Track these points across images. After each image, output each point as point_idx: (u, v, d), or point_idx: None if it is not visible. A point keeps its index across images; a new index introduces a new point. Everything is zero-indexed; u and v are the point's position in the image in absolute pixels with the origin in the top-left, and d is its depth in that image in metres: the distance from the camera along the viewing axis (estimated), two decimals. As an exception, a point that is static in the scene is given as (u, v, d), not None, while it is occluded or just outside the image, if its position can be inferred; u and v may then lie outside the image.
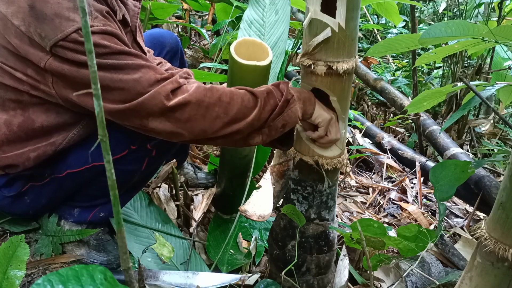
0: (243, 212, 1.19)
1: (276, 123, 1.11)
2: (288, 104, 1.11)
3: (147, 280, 1.27)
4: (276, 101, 1.10)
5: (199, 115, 1.04)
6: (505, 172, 0.90)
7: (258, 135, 1.12)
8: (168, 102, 1.02)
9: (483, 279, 0.94)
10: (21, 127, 1.16)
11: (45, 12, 0.99)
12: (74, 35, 0.99)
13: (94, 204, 1.32)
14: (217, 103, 1.05)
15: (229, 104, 1.06)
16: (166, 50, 1.67)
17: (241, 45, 1.30)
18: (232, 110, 1.06)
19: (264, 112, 1.09)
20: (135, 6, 1.31)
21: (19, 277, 0.99)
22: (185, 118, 1.04)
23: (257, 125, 1.10)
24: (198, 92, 1.05)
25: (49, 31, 0.99)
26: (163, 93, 1.01)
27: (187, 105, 1.03)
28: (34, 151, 1.18)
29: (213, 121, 1.06)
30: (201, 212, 1.66)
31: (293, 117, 1.12)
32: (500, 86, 1.37)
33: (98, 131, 0.58)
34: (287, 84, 1.14)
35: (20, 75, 1.09)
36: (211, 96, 1.05)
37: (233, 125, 1.07)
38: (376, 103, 3.83)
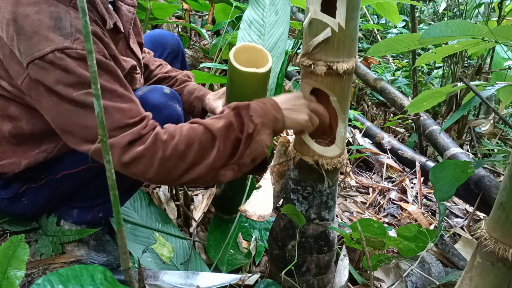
0: (243, 212, 1.19)
1: (244, 159, 1.08)
2: (252, 137, 1.07)
3: (147, 280, 1.27)
4: (236, 134, 1.06)
5: (155, 168, 1.02)
6: (505, 172, 0.90)
7: (228, 171, 1.09)
8: (123, 156, 1.00)
9: (483, 279, 0.94)
10: (12, 134, 1.16)
11: (25, 28, 0.98)
12: (50, 56, 0.97)
13: (92, 205, 1.32)
14: (172, 154, 1.02)
15: (185, 151, 1.03)
16: (167, 51, 1.67)
17: (241, 51, 1.30)
18: (189, 156, 1.03)
19: (225, 149, 1.05)
20: (129, 12, 1.30)
21: (19, 277, 0.99)
22: (140, 171, 1.03)
23: (220, 163, 1.06)
24: (154, 144, 1.02)
25: (26, 47, 0.98)
26: (119, 145, 1.00)
27: (140, 159, 1.01)
28: (26, 159, 1.18)
29: (170, 171, 1.04)
30: (201, 212, 1.66)
31: (261, 149, 1.08)
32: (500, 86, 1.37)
33: (98, 131, 0.59)
34: (247, 110, 1.08)
35: (6, 84, 1.09)
36: (165, 149, 1.02)
37: (193, 171, 1.05)
38: (376, 103, 3.83)
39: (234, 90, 1.34)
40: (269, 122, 1.09)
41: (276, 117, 1.10)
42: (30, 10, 0.99)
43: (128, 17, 1.29)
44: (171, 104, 1.22)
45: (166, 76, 1.54)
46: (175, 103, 1.24)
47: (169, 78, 1.54)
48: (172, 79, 1.54)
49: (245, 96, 1.32)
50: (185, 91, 1.52)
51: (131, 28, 1.30)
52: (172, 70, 1.57)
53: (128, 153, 1.01)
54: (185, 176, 1.05)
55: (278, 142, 1.36)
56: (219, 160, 1.06)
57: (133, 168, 1.02)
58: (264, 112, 1.09)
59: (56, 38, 0.98)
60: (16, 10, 0.99)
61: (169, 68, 1.57)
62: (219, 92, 1.49)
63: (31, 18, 0.98)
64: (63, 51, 0.98)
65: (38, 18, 0.98)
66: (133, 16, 1.30)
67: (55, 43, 0.98)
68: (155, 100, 1.20)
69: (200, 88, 1.54)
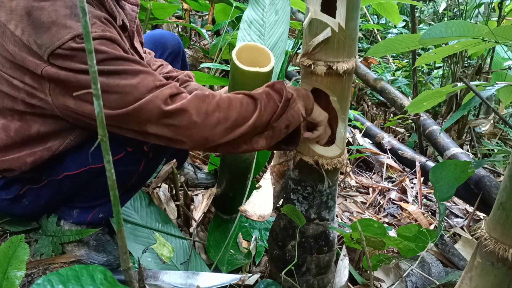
0: (243, 212, 1.19)
1: (279, 124, 1.09)
2: (289, 103, 1.09)
3: (147, 280, 1.27)
4: (275, 102, 1.08)
5: (199, 121, 1.02)
6: (505, 172, 0.90)
7: (262, 139, 1.10)
8: (166, 107, 1.00)
9: (483, 279, 0.94)
10: (18, 132, 1.16)
11: (42, 20, 0.99)
12: (71, 43, 0.98)
13: (93, 205, 1.32)
14: (216, 108, 1.03)
15: (228, 109, 1.04)
16: (168, 52, 1.67)
17: (243, 50, 1.30)
18: (232, 115, 1.04)
19: (265, 113, 1.07)
20: (132, 11, 1.30)
21: (19, 277, 0.99)
22: (184, 124, 1.01)
23: (260, 127, 1.08)
24: (196, 98, 1.03)
25: (46, 39, 0.99)
26: (160, 98, 1.00)
27: (185, 112, 1.01)
28: (31, 156, 1.18)
29: (213, 128, 1.03)
30: (201, 212, 1.66)
31: (296, 116, 1.10)
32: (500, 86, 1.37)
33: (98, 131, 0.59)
34: (282, 83, 1.12)
35: (17, 82, 1.09)
36: (209, 102, 1.03)
37: (235, 130, 1.05)
38: (376, 103, 3.83)
39: (236, 89, 1.33)
40: (302, 97, 1.13)
41: (308, 96, 1.14)
42: (44, 3, 1.00)
43: (132, 16, 1.29)
44: None
45: (167, 76, 1.54)
46: None
47: (170, 78, 1.54)
48: (173, 79, 1.54)
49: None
50: (187, 91, 1.52)
51: (135, 26, 1.30)
52: (173, 70, 1.57)
53: (171, 104, 1.00)
54: (227, 135, 1.04)
55: (278, 142, 1.36)
56: (259, 123, 1.06)
57: (177, 120, 1.01)
58: (298, 89, 1.14)
59: (74, 25, 0.99)
60: (30, 5, 1.00)
61: (170, 68, 1.57)
62: (220, 92, 1.49)
63: (47, 10, 0.99)
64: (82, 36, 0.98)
65: (54, 9, 0.99)
66: (136, 15, 1.31)
67: (74, 29, 0.98)
68: None
69: (202, 88, 1.54)
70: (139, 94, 1.00)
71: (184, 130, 1.02)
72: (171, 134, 1.03)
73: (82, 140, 1.20)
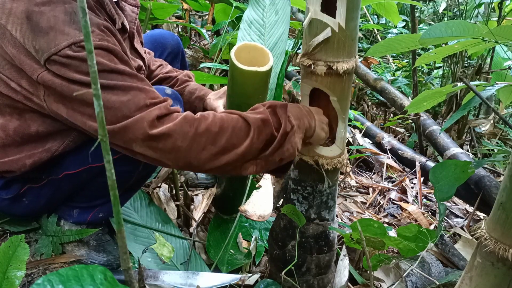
0: (243, 212, 1.19)
1: (273, 157, 1.05)
2: (287, 136, 1.04)
3: (147, 280, 1.27)
4: (272, 131, 1.03)
5: (184, 146, 0.98)
6: (505, 172, 0.90)
7: (252, 166, 1.06)
8: (151, 130, 0.97)
9: (483, 279, 0.94)
10: (17, 132, 1.16)
11: (41, 24, 0.99)
12: (67, 50, 0.97)
13: (93, 205, 1.32)
14: (204, 134, 0.99)
15: (217, 134, 0.99)
16: (167, 51, 1.67)
17: (242, 49, 1.30)
18: (221, 140, 1.00)
19: (258, 142, 1.02)
20: (132, 12, 1.30)
21: (19, 277, 0.99)
22: (168, 148, 0.98)
23: (249, 156, 1.03)
24: (185, 121, 0.99)
25: (43, 44, 0.98)
26: (147, 119, 0.97)
27: (170, 136, 0.98)
28: (30, 158, 1.18)
29: (198, 153, 1.00)
30: (201, 212, 1.66)
31: (292, 152, 1.05)
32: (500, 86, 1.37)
33: (98, 131, 0.59)
34: (285, 110, 1.05)
35: (15, 85, 1.09)
36: (198, 127, 0.99)
37: (222, 157, 1.01)
38: (376, 103, 3.83)
39: (235, 89, 1.34)
40: (303, 127, 1.08)
41: (310, 125, 1.10)
42: (44, 8, 0.99)
43: (132, 18, 1.29)
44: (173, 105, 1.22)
45: (167, 76, 1.54)
46: (176, 104, 1.24)
47: (170, 78, 1.54)
48: (172, 79, 1.54)
49: (246, 95, 1.32)
50: (186, 91, 1.52)
51: (135, 28, 1.30)
52: (173, 70, 1.57)
53: (157, 128, 0.97)
54: (213, 162, 1.01)
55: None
56: (249, 152, 1.02)
57: (161, 143, 0.98)
58: (301, 116, 1.08)
59: (72, 32, 0.99)
60: (30, 9, 1.00)
61: (170, 68, 1.57)
62: (220, 92, 1.49)
63: (47, 15, 0.99)
64: (79, 44, 0.98)
65: (54, 15, 0.99)
66: (136, 16, 1.31)
67: (72, 36, 0.98)
68: None
69: (201, 88, 1.54)
70: (128, 111, 0.98)
71: (168, 154, 1.00)
72: (155, 156, 1.01)
73: (81, 141, 1.20)
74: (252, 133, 1.01)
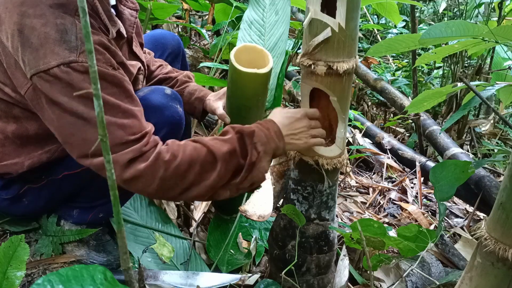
0: (243, 212, 1.19)
1: (244, 184, 1.09)
2: (254, 165, 1.08)
3: (147, 280, 1.27)
4: (238, 161, 1.07)
5: (154, 187, 1.02)
6: (505, 172, 0.90)
7: (225, 191, 1.10)
8: (123, 174, 1.00)
9: (483, 279, 0.94)
10: (16, 134, 1.16)
11: (31, 40, 0.98)
12: (55, 70, 0.97)
13: (93, 205, 1.32)
14: (173, 174, 1.03)
15: (186, 172, 1.03)
16: (168, 52, 1.66)
17: (242, 51, 1.30)
18: (189, 177, 1.04)
19: (226, 173, 1.06)
20: (131, 16, 1.29)
21: (19, 277, 0.99)
22: (139, 188, 1.03)
23: (219, 185, 1.07)
24: (155, 164, 1.01)
25: (31, 59, 0.98)
26: (120, 163, 0.99)
27: (140, 178, 1.01)
28: (29, 159, 1.18)
29: (169, 190, 1.05)
30: (201, 212, 1.66)
31: (261, 176, 1.10)
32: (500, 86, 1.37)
33: (98, 131, 0.59)
34: (251, 138, 1.09)
35: (9, 90, 1.09)
36: (167, 168, 1.02)
37: (192, 190, 1.06)
38: (376, 103, 3.83)
39: (234, 90, 1.34)
40: (271, 150, 1.11)
41: (277, 146, 1.12)
42: (36, 22, 0.98)
43: (131, 21, 1.28)
44: (173, 105, 1.22)
45: (167, 77, 1.54)
46: (176, 104, 1.24)
47: (170, 79, 1.54)
48: (172, 80, 1.54)
49: (246, 96, 1.32)
50: (186, 92, 1.52)
51: (134, 32, 1.29)
52: (173, 71, 1.57)
53: (129, 170, 1.01)
54: (184, 194, 1.06)
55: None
56: (218, 182, 1.06)
57: (133, 185, 1.03)
58: (267, 140, 1.10)
59: (62, 52, 0.98)
60: (22, 22, 0.99)
61: (170, 68, 1.57)
62: (219, 93, 1.49)
63: (38, 30, 0.98)
64: (68, 65, 0.98)
65: (44, 31, 0.98)
66: (135, 20, 1.30)
67: (61, 57, 0.97)
68: (157, 101, 1.20)
69: (201, 89, 1.54)
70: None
71: (141, 191, 1.06)
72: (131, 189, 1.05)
73: None
74: (219, 165, 1.05)
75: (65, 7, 1.01)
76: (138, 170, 1.00)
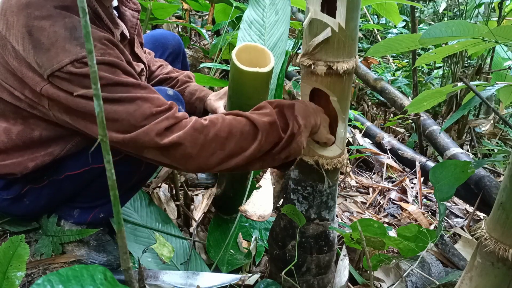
0: (243, 212, 1.19)
1: (280, 155, 1.08)
2: (294, 137, 1.06)
3: (147, 280, 1.27)
4: (279, 133, 1.05)
5: (194, 153, 1.01)
6: (505, 172, 0.90)
7: (259, 162, 1.08)
8: (161, 140, 0.99)
9: (483, 279, 0.94)
10: (20, 136, 1.16)
11: (42, 41, 0.99)
12: (69, 67, 0.98)
13: (93, 205, 1.32)
14: (213, 140, 1.01)
15: (226, 139, 1.02)
16: (168, 52, 1.66)
17: (243, 50, 1.30)
18: (229, 145, 1.02)
19: (266, 145, 1.04)
20: (133, 17, 1.30)
21: (19, 277, 0.99)
22: (179, 155, 1.01)
23: (257, 157, 1.06)
24: (193, 129, 1.01)
25: (45, 60, 0.99)
26: (155, 131, 0.99)
27: (180, 144, 1.00)
28: (32, 161, 1.18)
29: (208, 158, 1.02)
30: (201, 212, 1.66)
31: (298, 150, 1.08)
32: (500, 86, 1.37)
33: (98, 131, 0.59)
34: (293, 110, 1.07)
35: (18, 93, 1.10)
36: (207, 134, 1.01)
37: (231, 160, 1.04)
38: (376, 103, 3.83)
39: (236, 90, 1.34)
40: (309, 126, 1.10)
41: (316, 123, 1.11)
42: (44, 23, 0.99)
43: (133, 23, 1.29)
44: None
45: (167, 77, 1.54)
46: (178, 105, 1.24)
47: (170, 79, 1.54)
48: (173, 80, 1.54)
49: (247, 95, 1.32)
50: (187, 92, 1.52)
51: (135, 33, 1.30)
52: (173, 71, 1.57)
53: (167, 137, 0.99)
54: (222, 165, 1.04)
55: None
56: (257, 153, 1.05)
57: (171, 152, 1.01)
58: (308, 115, 1.09)
59: (73, 49, 0.99)
60: (30, 23, 0.99)
61: (170, 68, 1.57)
62: (220, 93, 1.49)
63: (47, 30, 0.99)
64: (81, 60, 0.99)
65: (54, 30, 0.99)
66: (137, 21, 1.30)
67: (73, 53, 0.98)
68: None
69: (202, 88, 1.54)
70: (135, 122, 0.99)
71: (179, 160, 1.03)
72: (167, 161, 1.04)
73: (83, 145, 1.20)
74: (260, 136, 1.03)
75: (70, 8, 1.03)
76: (177, 136, 0.99)
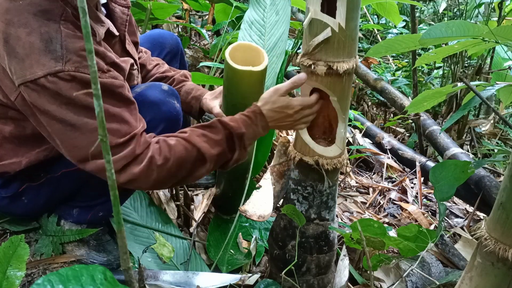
0: (243, 212, 1.19)
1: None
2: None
3: (147, 280, 1.27)
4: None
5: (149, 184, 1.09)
6: (505, 172, 0.90)
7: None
8: (119, 178, 1.04)
9: (483, 279, 0.94)
10: (13, 134, 1.16)
11: (17, 50, 0.98)
12: (43, 80, 0.97)
13: (93, 204, 1.32)
14: (166, 175, 1.08)
15: (178, 171, 1.09)
16: (166, 51, 1.66)
17: (237, 49, 1.30)
18: (181, 174, 1.10)
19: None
20: (123, 13, 1.28)
21: (19, 277, 0.99)
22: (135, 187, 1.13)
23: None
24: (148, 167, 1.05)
25: (18, 69, 0.99)
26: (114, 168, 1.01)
27: (135, 180, 1.06)
28: (26, 158, 1.18)
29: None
30: (201, 212, 1.66)
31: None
32: (500, 86, 1.37)
33: (98, 131, 0.59)
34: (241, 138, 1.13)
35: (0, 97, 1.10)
36: (160, 171, 1.06)
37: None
38: (376, 103, 3.83)
39: (230, 89, 1.33)
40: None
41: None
42: (21, 31, 0.98)
43: (123, 19, 1.27)
44: (170, 100, 1.22)
45: (163, 76, 1.53)
46: (173, 100, 1.24)
47: (166, 78, 1.54)
48: (169, 79, 1.54)
49: (242, 94, 1.32)
50: (182, 91, 1.52)
51: (126, 30, 1.28)
52: (169, 70, 1.56)
53: (124, 175, 1.04)
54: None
55: (278, 142, 1.36)
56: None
57: (129, 186, 1.08)
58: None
59: (48, 62, 0.97)
60: (7, 31, 0.99)
61: (166, 67, 1.57)
62: (215, 92, 1.49)
63: (22, 40, 0.98)
64: (55, 75, 0.98)
65: (29, 41, 0.98)
66: (127, 17, 1.29)
67: (47, 67, 0.97)
68: (154, 96, 1.20)
69: (197, 88, 1.54)
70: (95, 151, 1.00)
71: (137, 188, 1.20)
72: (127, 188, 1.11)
73: None
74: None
75: (50, 13, 1.01)
76: (133, 174, 1.04)
